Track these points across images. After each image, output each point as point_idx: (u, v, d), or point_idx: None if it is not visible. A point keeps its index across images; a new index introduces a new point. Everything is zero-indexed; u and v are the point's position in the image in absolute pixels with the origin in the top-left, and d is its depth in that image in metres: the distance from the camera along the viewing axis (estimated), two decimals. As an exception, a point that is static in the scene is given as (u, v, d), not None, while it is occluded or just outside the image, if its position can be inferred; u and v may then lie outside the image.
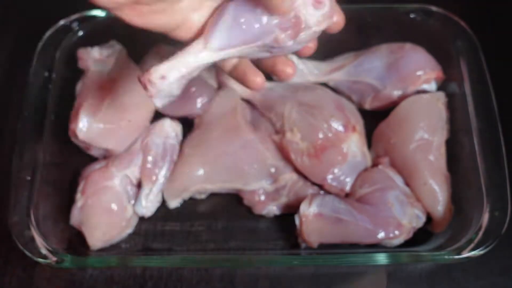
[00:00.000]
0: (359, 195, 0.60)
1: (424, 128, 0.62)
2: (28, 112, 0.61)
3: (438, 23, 0.66)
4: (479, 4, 0.74)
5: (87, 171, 0.62)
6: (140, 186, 0.61)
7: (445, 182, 0.60)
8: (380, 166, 0.62)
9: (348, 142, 0.62)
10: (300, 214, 0.58)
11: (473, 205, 0.56)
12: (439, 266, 0.59)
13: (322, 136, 0.61)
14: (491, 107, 0.60)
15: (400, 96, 0.65)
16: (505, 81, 0.65)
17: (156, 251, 0.60)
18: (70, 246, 0.58)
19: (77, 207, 0.60)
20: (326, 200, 0.59)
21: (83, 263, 0.57)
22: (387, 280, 0.58)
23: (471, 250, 0.53)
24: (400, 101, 0.64)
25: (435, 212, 0.59)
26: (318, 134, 0.61)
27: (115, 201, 0.60)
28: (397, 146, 0.62)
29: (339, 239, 0.58)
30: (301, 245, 0.59)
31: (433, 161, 0.61)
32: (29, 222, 0.55)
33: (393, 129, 0.63)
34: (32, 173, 0.58)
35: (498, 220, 0.54)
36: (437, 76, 0.65)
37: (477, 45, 0.63)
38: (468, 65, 0.63)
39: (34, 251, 0.54)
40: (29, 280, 0.58)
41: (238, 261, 0.58)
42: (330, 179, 0.61)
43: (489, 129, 0.58)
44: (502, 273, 0.59)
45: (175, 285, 0.58)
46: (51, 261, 0.53)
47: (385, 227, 0.57)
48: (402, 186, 0.60)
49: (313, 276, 0.59)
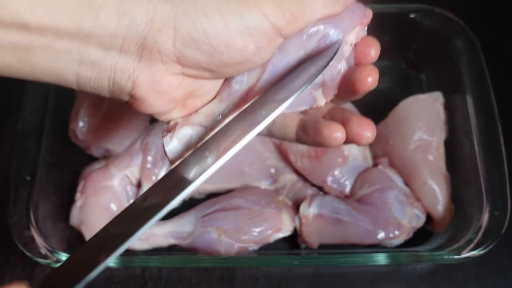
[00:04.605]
0: (359, 196, 0.60)
1: (422, 129, 0.62)
2: (28, 112, 0.61)
3: (438, 23, 0.66)
4: (479, 4, 0.74)
5: (87, 171, 0.62)
6: (140, 186, 0.61)
7: (445, 182, 0.60)
8: (379, 166, 0.62)
9: (349, 145, 0.62)
10: (300, 215, 0.58)
11: (473, 205, 0.56)
12: (439, 266, 0.59)
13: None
14: (491, 107, 0.60)
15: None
16: (505, 81, 0.65)
17: (156, 251, 0.60)
18: (70, 246, 0.58)
19: (77, 207, 0.60)
20: (325, 200, 0.59)
21: (83, 263, 0.57)
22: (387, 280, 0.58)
23: (471, 250, 0.53)
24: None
25: (435, 212, 0.59)
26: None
27: (115, 201, 0.60)
28: (396, 147, 0.62)
29: (339, 239, 0.58)
30: (301, 245, 0.59)
31: (432, 161, 0.61)
32: (29, 222, 0.55)
33: (391, 130, 0.63)
34: (32, 173, 0.58)
35: (497, 220, 0.54)
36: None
37: (477, 45, 0.63)
38: (468, 65, 0.63)
39: (34, 251, 0.54)
40: (29, 280, 0.58)
41: (238, 261, 0.58)
42: (330, 181, 0.61)
43: (489, 129, 0.58)
44: (502, 273, 0.59)
45: (175, 285, 0.58)
46: (51, 261, 0.53)
47: (385, 227, 0.57)
48: (402, 186, 0.60)
49: (313, 276, 0.59)
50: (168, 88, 0.37)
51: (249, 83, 0.39)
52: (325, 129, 0.38)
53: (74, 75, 0.35)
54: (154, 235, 0.59)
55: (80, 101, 0.63)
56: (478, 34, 0.64)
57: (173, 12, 0.34)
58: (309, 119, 0.40)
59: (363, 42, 0.39)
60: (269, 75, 0.39)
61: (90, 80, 0.36)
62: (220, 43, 0.35)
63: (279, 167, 0.63)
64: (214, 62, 0.36)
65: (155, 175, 0.61)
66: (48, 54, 0.34)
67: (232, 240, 0.57)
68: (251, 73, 0.39)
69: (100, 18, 0.33)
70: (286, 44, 0.38)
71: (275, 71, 0.39)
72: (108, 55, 0.35)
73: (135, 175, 0.62)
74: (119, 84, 0.36)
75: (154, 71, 0.36)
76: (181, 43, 0.34)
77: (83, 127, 0.61)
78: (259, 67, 0.39)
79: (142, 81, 0.36)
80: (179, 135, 0.38)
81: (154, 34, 0.34)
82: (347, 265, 0.59)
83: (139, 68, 0.35)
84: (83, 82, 0.36)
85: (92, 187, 0.60)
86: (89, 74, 0.35)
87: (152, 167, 0.61)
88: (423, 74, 0.71)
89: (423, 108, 0.63)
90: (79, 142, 0.63)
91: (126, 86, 0.36)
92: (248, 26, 0.34)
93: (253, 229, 0.58)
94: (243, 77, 0.39)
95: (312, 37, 0.38)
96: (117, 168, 0.61)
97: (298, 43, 0.38)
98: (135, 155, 0.62)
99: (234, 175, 0.62)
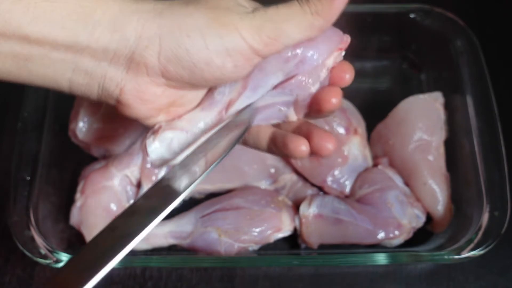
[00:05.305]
0: (359, 196, 0.60)
1: (422, 129, 0.62)
2: (28, 112, 0.61)
3: (438, 23, 0.66)
4: (479, 4, 0.74)
5: (87, 171, 0.62)
6: (140, 186, 0.61)
7: (445, 182, 0.60)
8: (379, 166, 0.62)
9: (349, 145, 0.62)
10: (300, 215, 0.58)
11: (473, 205, 0.56)
12: (439, 266, 0.59)
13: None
14: (491, 107, 0.60)
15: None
16: (505, 81, 0.65)
17: (156, 251, 0.60)
18: (70, 246, 0.58)
19: (77, 207, 0.60)
20: (325, 200, 0.59)
21: (83, 263, 0.57)
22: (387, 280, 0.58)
23: (471, 250, 0.53)
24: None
25: (435, 212, 0.59)
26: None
27: (115, 201, 0.60)
28: (396, 147, 0.62)
29: (339, 239, 0.58)
30: (301, 245, 0.59)
31: (432, 161, 0.61)
32: (28, 222, 0.55)
33: (391, 130, 0.63)
34: (32, 173, 0.58)
35: (498, 220, 0.54)
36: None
37: (477, 45, 0.63)
38: (468, 65, 0.63)
39: (34, 251, 0.54)
40: (29, 280, 0.58)
41: (238, 261, 0.58)
42: (330, 181, 0.61)
43: (489, 129, 0.58)
44: (502, 273, 0.59)
45: (175, 285, 0.58)
46: (50, 261, 0.53)
47: (385, 227, 0.57)
48: (402, 186, 0.60)
49: (313, 276, 0.59)
50: (152, 97, 0.40)
51: (230, 95, 0.42)
52: (290, 143, 0.41)
53: (67, 81, 0.39)
54: (154, 235, 0.59)
55: (80, 101, 0.63)
56: (478, 34, 0.64)
57: (159, 31, 0.38)
58: (279, 132, 0.43)
59: (339, 66, 0.42)
60: (250, 92, 0.42)
61: (81, 86, 0.39)
62: (201, 60, 0.38)
63: (279, 167, 0.63)
64: (195, 77, 0.39)
65: (155, 175, 0.61)
66: (45, 63, 0.38)
67: (232, 240, 0.57)
68: (232, 86, 0.42)
69: (95, 33, 0.37)
70: (265, 65, 0.41)
71: (255, 88, 0.42)
72: (99, 65, 0.38)
73: (135, 175, 0.62)
74: (107, 91, 0.40)
75: (140, 81, 0.39)
76: (165, 59, 0.38)
77: (83, 127, 0.61)
78: (240, 83, 0.42)
79: (129, 89, 0.39)
80: (161, 138, 0.41)
81: (141, 50, 0.38)
82: (347, 265, 0.59)
83: (126, 78, 0.39)
84: (75, 87, 0.40)
85: (92, 187, 0.60)
86: (81, 81, 0.39)
87: (152, 167, 0.61)
88: (423, 74, 0.71)
89: (423, 108, 0.63)
90: (79, 142, 0.63)
91: (114, 93, 0.40)
92: (227, 47, 0.37)
93: (253, 229, 0.58)
94: (225, 88, 0.42)
95: (290, 61, 0.40)
96: (117, 168, 0.61)
97: (276, 65, 0.41)
98: (135, 155, 0.62)
99: (234, 175, 0.62)
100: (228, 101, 0.42)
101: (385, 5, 0.69)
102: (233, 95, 0.42)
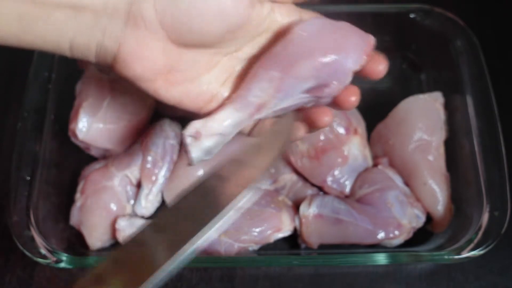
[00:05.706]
0: (359, 196, 0.60)
1: (422, 129, 0.62)
2: (28, 112, 0.61)
3: (438, 23, 0.66)
4: (479, 4, 0.74)
5: (86, 171, 0.62)
6: (140, 186, 0.61)
7: (445, 182, 0.60)
8: (379, 166, 0.62)
9: (349, 145, 0.62)
10: (300, 215, 0.58)
11: (473, 205, 0.56)
12: (439, 266, 0.59)
13: (324, 138, 0.61)
14: (491, 107, 0.60)
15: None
16: (505, 81, 0.65)
17: (156, 251, 0.60)
18: (70, 246, 0.58)
19: (77, 207, 0.60)
20: (325, 200, 0.59)
21: (83, 263, 0.57)
22: (387, 280, 0.58)
23: (471, 250, 0.53)
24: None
25: (435, 212, 0.59)
26: (319, 136, 0.61)
27: (115, 201, 0.60)
28: (396, 147, 0.62)
29: (339, 239, 0.58)
30: (301, 245, 0.59)
31: (432, 161, 0.61)
32: (28, 222, 0.55)
33: (391, 130, 0.63)
34: (32, 173, 0.58)
35: (497, 220, 0.54)
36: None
37: (477, 45, 0.63)
38: (468, 65, 0.63)
39: (34, 251, 0.54)
40: (29, 280, 0.58)
41: (238, 261, 0.58)
42: (330, 181, 0.61)
43: (489, 129, 0.58)
44: (502, 273, 0.59)
45: (175, 285, 0.58)
46: (50, 261, 0.53)
47: (385, 227, 0.57)
48: (401, 186, 0.60)
49: (313, 276, 0.59)
50: (150, 53, 0.40)
51: (263, 99, 0.43)
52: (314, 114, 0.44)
53: (68, 42, 0.40)
54: None
55: (80, 101, 0.63)
56: (478, 34, 0.64)
57: None
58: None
59: (348, 90, 0.43)
60: (282, 95, 0.43)
61: (81, 45, 0.40)
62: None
63: (279, 167, 0.63)
64: (195, 22, 0.40)
65: (155, 175, 0.61)
66: (49, 23, 0.39)
67: (232, 240, 0.57)
68: (264, 90, 0.43)
69: None
70: (298, 70, 0.42)
71: (287, 92, 0.43)
72: (99, 21, 0.39)
73: (135, 175, 0.62)
74: (106, 48, 0.40)
75: (138, 35, 0.40)
76: (162, 8, 0.39)
77: (83, 127, 0.61)
78: (271, 87, 0.42)
79: (127, 44, 0.40)
80: (202, 146, 0.43)
81: (139, 3, 0.39)
82: (347, 265, 0.59)
83: (125, 32, 0.40)
84: (75, 48, 0.40)
85: (92, 187, 0.60)
86: (81, 40, 0.40)
87: (152, 167, 0.61)
88: (423, 74, 0.71)
89: (423, 108, 0.63)
90: (79, 142, 0.63)
91: (112, 49, 0.40)
92: None
93: (253, 229, 0.58)
94: (259, 92, 0.43)
95: (323, 69, 0.41)
96: (117, 168, 0.61)
97: (309, 72, 0.42)
98: (135, 155, 0.62)
99: (234, 175, 0.62)
100: (263, 103, 0.43)
101: (385, 5, 0.69)
102: (266, 98, 0.43)
